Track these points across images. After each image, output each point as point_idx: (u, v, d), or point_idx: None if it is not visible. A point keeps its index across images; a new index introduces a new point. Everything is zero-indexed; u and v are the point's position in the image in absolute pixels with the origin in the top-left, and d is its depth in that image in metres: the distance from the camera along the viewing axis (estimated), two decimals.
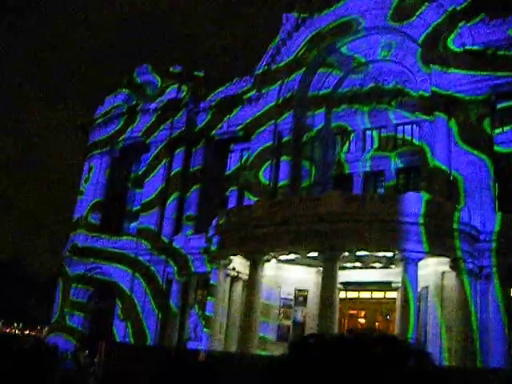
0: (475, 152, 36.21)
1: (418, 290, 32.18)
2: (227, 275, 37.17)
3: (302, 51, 46.03)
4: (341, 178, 43.32)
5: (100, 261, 49.89)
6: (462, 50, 38.72)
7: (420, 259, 30.91)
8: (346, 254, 32.26)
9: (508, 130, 38.04)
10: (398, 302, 33.44)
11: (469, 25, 39.11)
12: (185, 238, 46.46)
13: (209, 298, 37.31)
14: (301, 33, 46.32)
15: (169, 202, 49.17)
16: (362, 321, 38.56)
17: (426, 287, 34.42)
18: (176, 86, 52.22)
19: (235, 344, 36.22)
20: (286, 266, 37.33)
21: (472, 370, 27.91)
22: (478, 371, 26.15)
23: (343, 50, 45.33)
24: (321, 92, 45.85)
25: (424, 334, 34.06)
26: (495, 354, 32.36)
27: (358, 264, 35.22)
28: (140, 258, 47.93)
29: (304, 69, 45.70)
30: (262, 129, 45.35)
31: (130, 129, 53.73)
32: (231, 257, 35.92)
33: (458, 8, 39.70)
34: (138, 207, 51.77)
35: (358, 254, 32.81)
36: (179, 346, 42.35)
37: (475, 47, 38.31)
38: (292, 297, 38.86)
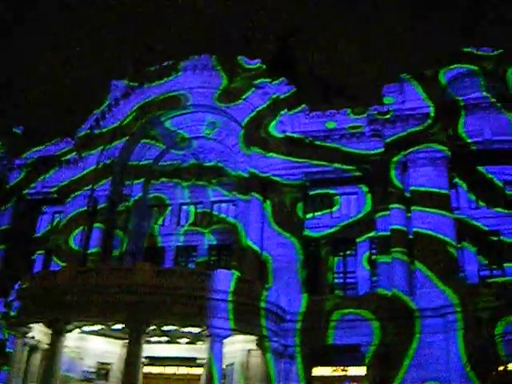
0: (287, 234, 37.79)
1: (224, 366, 32.05)
2: (26, 344, 34.70)
3: (127, 120, 45.93)
4: (153, 250, 42.72)
5: None
6: (282, 136, 40.79)
7: (226, 336, 30.89)
8: (153, 327, 31.49)
9: (318, 216, 40.26)
10: (203, 379, 32.96)
11: (290, 113, 41.60)
12: None
13: (4, 367, 34.67)
14: (129, 101, 46.37)
15: None
16: None
17: (232, 364, 34.33)
18: None
19: None
20: (89, 337, 35.57)
21: None
22: None
23: (167, 123, 45.85)
24: (141, 163, 45.58)
25: None
26: None
27: (164, 338, 34.46)
28: None
29: (127, 138, 45.42)
30: (77, 193, 43.97)
31: None
32: (32, 324, 33.62)
33: (282, 96, 42.18)
34: None
35: (165, 328, 32.14)
36: None
37: (295, 135, 40.57)
38: (94, 370, 36.94)
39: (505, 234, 37.25)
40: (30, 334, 34.31)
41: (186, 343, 35.06)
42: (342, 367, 35.29)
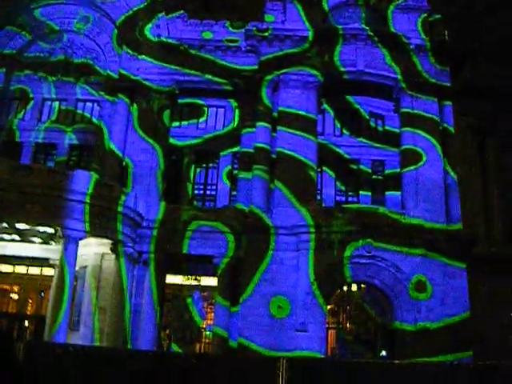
0: (150, 141, 37.30)
1: (77, 268, 31.86)
2: None
3: None
4: (11, 144, 40.41)
5: None
6: (156, 40, 39.62)
7: (81, 238, 30.58)
8: (5, 224, 30.56)
9: (185, 125, 40.03)
10: (54, 280, 32.71)
11: (167, 18, 40.27)
12: None
13: None
14: None
15: None
16: (16, 296, 37.01)
17: (85, 267, 34.17)
18: None
19: None
20: None
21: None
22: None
23: (36, 12, 42.83)
24: (5, 51, 42.53)
25: (78, 313, 33.71)
26: (146, 337, 33.59)
27: (16, 237, 33.53)
28: None
29: None
30: None
31: None
32: None
33: None
34: None
35: (18, 226, 31.26)
36: None
37: (170, 40, 39.51)
38: None
39: (364, 163, 39.04)
40: None
41: (40, 243, 34.32)
42: (194, 276, 36.19)
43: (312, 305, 32.50)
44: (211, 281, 35.54)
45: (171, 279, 36.26)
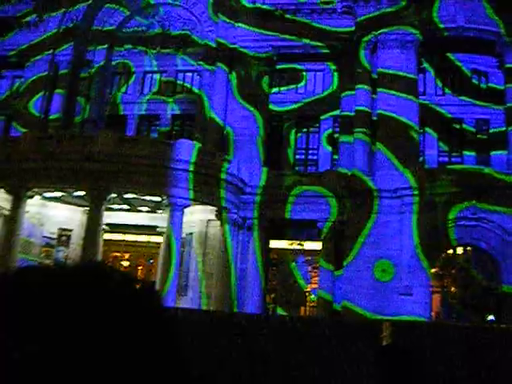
0: (250, 108, 37.54)
1: (183, 235, 32.78)
2: None
3: None
4: (115, 118, 41.82)
5: None
6: (251, 6, 39.59)
7: (186, 206, 31.40)
8: (114, 195, 31.71)
9: (284, 91, 39.92)
10: (162, 247, 33.76)
11: None
12: None
13: None
14: None
15: None
16: (126, 263, 38.44)
17: (191, 234, 35.10)
18: None
19: None
20: (50, 203, 35.70)
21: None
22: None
23: None
24: (105, 28, 43.76)
25: (186, 279, 34.84)
26: (251, 301, 34.20)
27: (125, 206, 34.82)
28: None
29: (90, 1, 43.49)
30: (38, 57, 42.43)
31: None
32: None
33: None
34: None
35: (126, 196, 32.43)
36: None
37: (265, 6, 39.40)
38: (55, 236, 37.42)
39: (467, 123, 37.70)
40: None
41: (147, 212, 35.52)
42: (298, 241, 36.37)
43: (416, 268, 32.04)
44: (315, 245, 35.56)
45: (275, 244, 36.60)
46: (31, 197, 33.07)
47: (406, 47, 36.70)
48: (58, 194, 33.71)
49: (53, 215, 36.64)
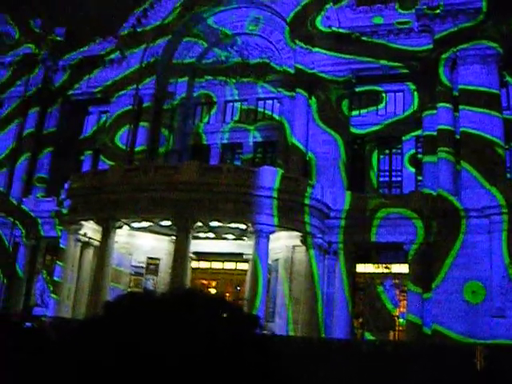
0: (332, 132, 37.52)
1: (269, 262, 32.90)
2: (78, 240, 36.08)
3: (169, 17, 45.24)
4: (199, 148, 43.09)
5: None
6: (328, 31, 39.82)
7: (271, 232, 31.53)
8: (200, 224, 32.23)
9: (364, 113, 39.81)
10: (249, 273, 33.94)
11: (335, 7, 40.27)
12: (35, 201, 44.31)
13: (58, 262, 36.13)
14: None
15: (19, 162, 46.46)
16: (213, 291, 38.81)
17: (277, 260, 35.20)
18: (35, 40, 49.29)
19: (83, 309, 35.28)
20: (138, 233, 36.74)
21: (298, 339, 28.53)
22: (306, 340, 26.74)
23: (210, 21, 45.06)
24: (185, 61, 45.20)
25: (273, 305, 34.85)
26: (339, 326, 33.91)
27: (211, 235, 35.35)
28: None
29: (170, 36, 44.96)
30: (122, 92, 44.07)
31: None
32: (83, 222, 34.82)
33: None
34: None
35: (212, 224, 32.87)
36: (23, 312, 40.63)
37: (341, 30, 39.56)
38: (144, 265, 38.35)
39: None
40: (81, 231, 35.58)
41: (233, 239, 35.91)
42: (384, 264, 35.88)
43: (509, 289, 30.89)
44: (402, 268, 35.00)
45: (361, 268, 36.22)
46: (120, 227, 34.12)
47: (486, 62, 35.95)
48: (146, 224, 34.54)
49: (141, 244, 37.62)
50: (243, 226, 32.79)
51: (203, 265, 38.54)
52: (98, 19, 49.12)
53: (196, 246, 34.73)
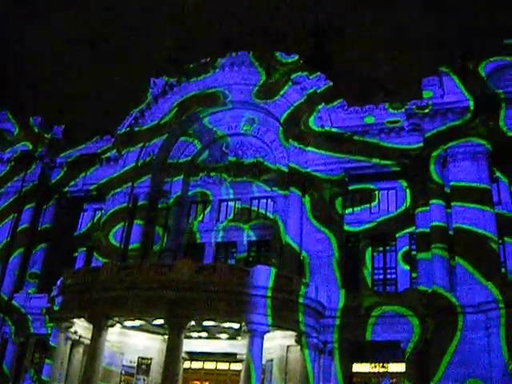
0: (325, 230, 37.82)
1: (263, 362, 32.23)
2: (68, 338, 35.54)
3: (166, 117, 46.43)
4: (193, 246, 43.26)
5: None
6: (320, 131, 40.78)
7: (266, 332, 31.02)
8: (193, 323, 31.76)
9: (357, 211, 40.27)
10: (242, 374, 33.12)
11: (328, 107, 41.58)
12: (26, 296, 43.84)
13: (47, 360, 35.31)
14: (167, 99, 46.86)
15: (13, 256, 46.29)
16: None
17: (271, 360, 34.60)
18: (33, 138, 50.19)
19: None
20: (130, 332, 36.13)
21: None
22: None
23: (205, 121, 46.26)
24: (180, 160, 46.15)
25: None
26: None
27: (204, 334, 34.82)
28: None
29: (166, 135, 45.99)
30: (117, 190, 44.61)
31: None
32: (74, 319, 34.33)
33: (319, 91, 42.22)
34: None
35: (205, 323, 32.41)
36: None
37: (333, 130, 40.55)
38: (135, 364, 37.51)
39: None
40: (72, 329, 35.10)
41: (226, 339, 35.43)
42: (381, 363, 35.17)
43: None
44: (399, 367, 34.30)
45: (358, 367, 35.44)
46: (112, 325, 33.48)
47: (476, 158, 36.65)
48: (138, 322, 34.01)
49: (133, 343, 36.98)
50: (237, 326, 32.34)
51: (196, 365, 37.70)
52: (95, 118, 50.27)
53: (189, 345, 34.18)
